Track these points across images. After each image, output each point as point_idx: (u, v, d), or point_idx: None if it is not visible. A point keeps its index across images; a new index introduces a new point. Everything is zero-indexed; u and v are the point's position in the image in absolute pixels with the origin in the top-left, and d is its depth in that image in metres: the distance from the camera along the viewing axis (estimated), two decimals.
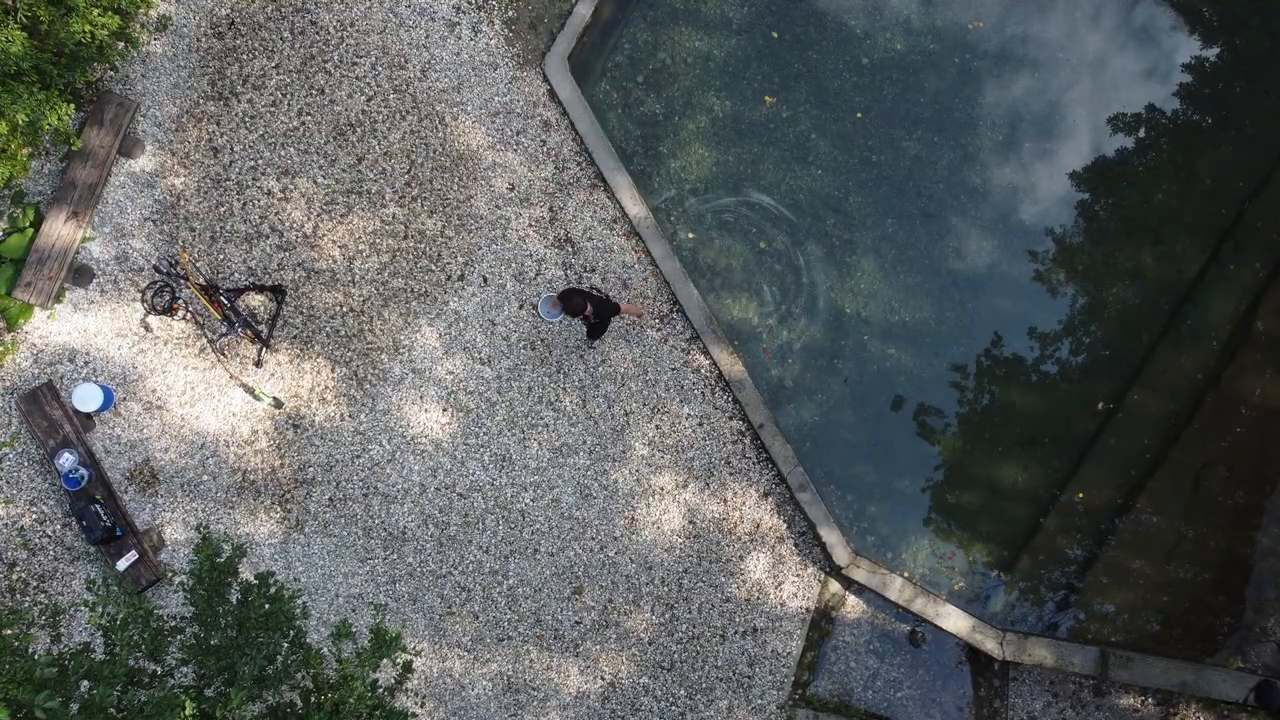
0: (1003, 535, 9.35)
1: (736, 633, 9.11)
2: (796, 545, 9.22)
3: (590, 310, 7.95)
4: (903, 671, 9.13)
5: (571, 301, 7.84)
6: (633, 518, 9.19)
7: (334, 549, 9.10)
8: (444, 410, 9.23)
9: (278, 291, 9.22)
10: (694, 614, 9.12)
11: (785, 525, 9.22)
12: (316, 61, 9.54)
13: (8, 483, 9.06)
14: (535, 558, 9.14)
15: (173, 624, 6.33)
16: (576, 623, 9.09)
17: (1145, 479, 9.29)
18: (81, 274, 9.24)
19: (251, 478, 9.14)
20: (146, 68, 9.48)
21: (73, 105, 8.33)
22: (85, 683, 6.09)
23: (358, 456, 9.18)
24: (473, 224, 9.44)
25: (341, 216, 9.40)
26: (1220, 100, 9.82)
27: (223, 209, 9.36)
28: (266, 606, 6.31)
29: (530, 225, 9.45)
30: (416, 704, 8.40)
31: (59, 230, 9.08)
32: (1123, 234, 9.65)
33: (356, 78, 9.53)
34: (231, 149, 9.42)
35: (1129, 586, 9.18)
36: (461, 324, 9.32)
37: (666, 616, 9.11)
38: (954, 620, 8.90)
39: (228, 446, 9.16)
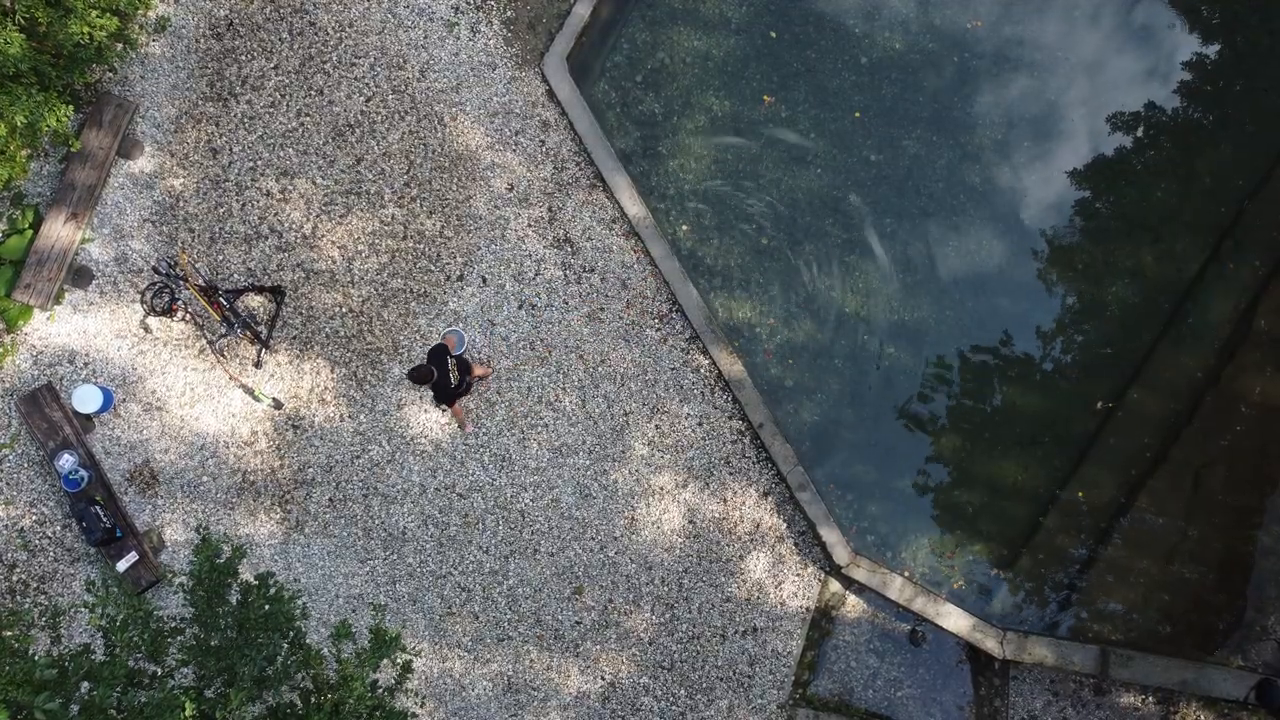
0: (1003, 534, 9.35)
1: (737, 632, 9.11)
2: (796, 545, 9.22)
3: (433, 380, 7.89)
4: (903, 671, 9.12)
5: (419, 371, 7.76)
6: (633, 518, 9.19)
7: (334, 550, 9.11)
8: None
9: (277, 292, 9.22)
10: (694, 614, 9.12)
11: (785, 525, 9.22)
12: (315, 62, 9.54)
13: (8, 484, 9.06)
14: (535, 558, 9.14)
15: (172, 625, 6.33)
16: (576, 623, 9.09)
17: (1145, 478, 9.28)
18: (81, 275, 9.24)
19: (251, 479, 9.15)
20: (145, 69, 9.48)
21: (71, 107, 8.34)
22: (85, 684, 6.09)
23: (357, 457, 9.18)
24: (472, 224, 9.44)
25: (340, 217, 9.40)
26: (1219, 98, 9.81)
27: (222, 210, 9.37)
28: (266, 607, 6.32)
29: (529, 225, 9.45)
30: (416, 704, 8.40)
31: (58, 232, 9.08)
32: (1122, 233, 9.64)
33: (355, 78, 9.53)
34: (230, 150, 9.43)
35: (1129, 585, 9.18)
36: (460, 324, 9.32)
37: (666, 616, 9.11)
38: (954, 619, 8.90)
39: (227, 447, 9.16)
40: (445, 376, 8.05)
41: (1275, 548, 9.15)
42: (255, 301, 9.30)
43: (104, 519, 8.61)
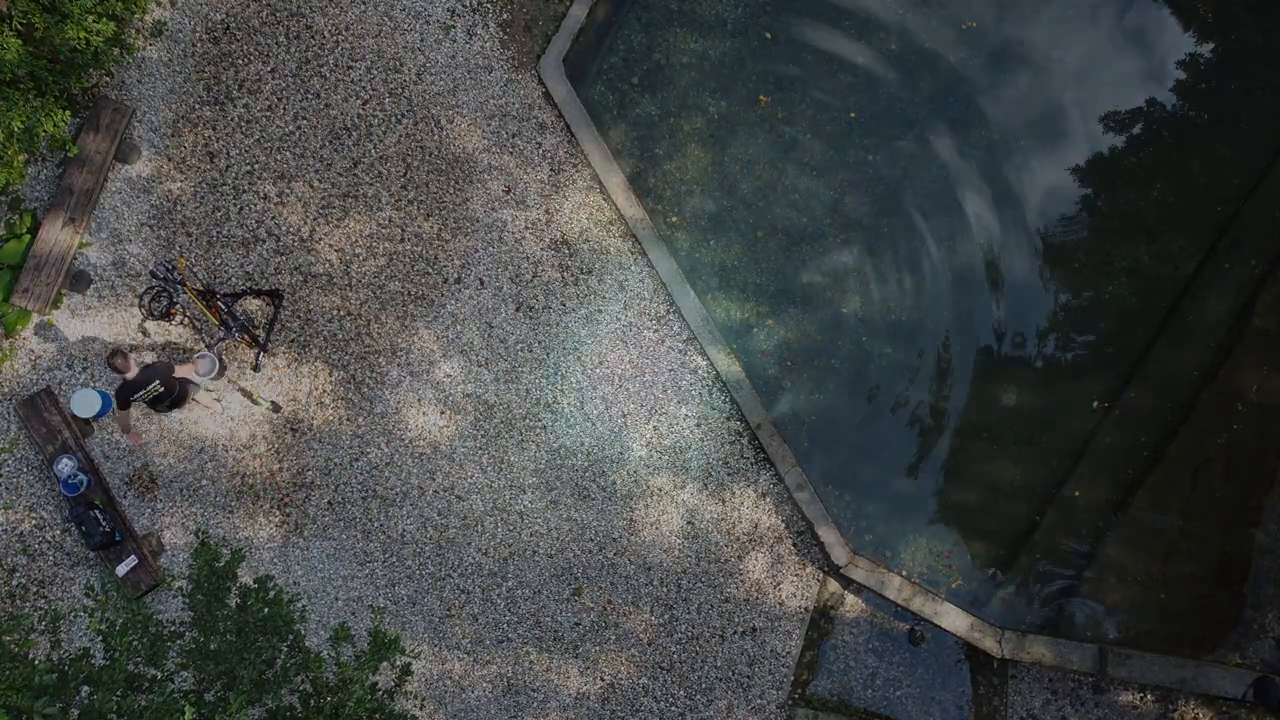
0: (1001, 533, 9.36)
1: (736, 633, 9.12)
2: (795, 545, 9.23)
3: (127, 380, 7.72)
4: (902, 670, 9.14)
5: (139, 373, 7.66)
6: (631, 519, 9.20)
7: (333, 552, 9.12)
8: (442, 413, 9.24)
9: (275, 296, 9.23)
10: (693, 614, 9.13)
11: (783, 525, 9.23)
12: (312, 65, 9.55)
13: (7, 489, 9.07)
14: (534, 559, 9.15)
15: (172, 629, 6.35)
16: (576, 624, 9.10)
17: (1143, 476, 9.30)
18: (79, 280, 9.25)
19: (250, 482, 9.16)
20: (142, 73, 9.49)
21: (69, 111, 8.36)
22: (85, 688, 6.12)
23: (356, 460, 9.19)
24: (469, 227, 9.45)
25: (338, 220, 9.41)
26: (1216, 97, 9.83)
27: (219, 214, 9.38)
28: (265, 610, 6.34)
29: (526, 227, 9.46)
30: (416, 706, 8.42)
31: (56, 236, 9.09)
32: (1119, 232, 9.66)
33: (352, 81, 9.55)
34: (228, 153, 9.44)
35: (1127, 584, 9.19)
36: (459, 326, 9.33)
37: (665, 617, 9.12)
38: (953, 618, 8.91)
39: (226, 451, 9.17)
40: (138, 385, 7.77)
41: (1273, 545, 9.16)
42: (253, 305, 9.31)
43: (103, 523, 8.62)
